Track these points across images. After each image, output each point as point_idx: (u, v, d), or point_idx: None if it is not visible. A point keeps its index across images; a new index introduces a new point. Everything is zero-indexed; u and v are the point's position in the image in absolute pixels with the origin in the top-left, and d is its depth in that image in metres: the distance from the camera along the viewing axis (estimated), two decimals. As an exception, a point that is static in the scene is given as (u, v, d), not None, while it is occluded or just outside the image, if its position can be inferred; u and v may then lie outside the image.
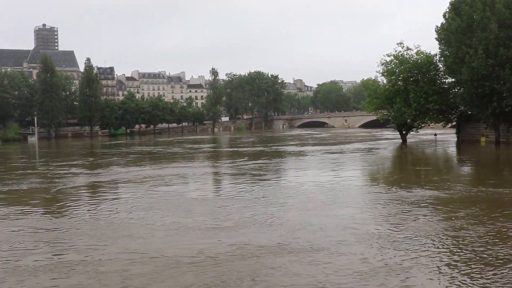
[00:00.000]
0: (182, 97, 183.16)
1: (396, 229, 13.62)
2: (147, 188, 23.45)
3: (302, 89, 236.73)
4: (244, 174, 29.01)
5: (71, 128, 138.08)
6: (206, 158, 44.18)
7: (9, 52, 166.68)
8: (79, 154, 58.65)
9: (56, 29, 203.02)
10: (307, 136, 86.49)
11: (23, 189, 24.97)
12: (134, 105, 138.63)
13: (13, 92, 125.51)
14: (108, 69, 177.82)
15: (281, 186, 23.04)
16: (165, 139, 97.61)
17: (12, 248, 12.50)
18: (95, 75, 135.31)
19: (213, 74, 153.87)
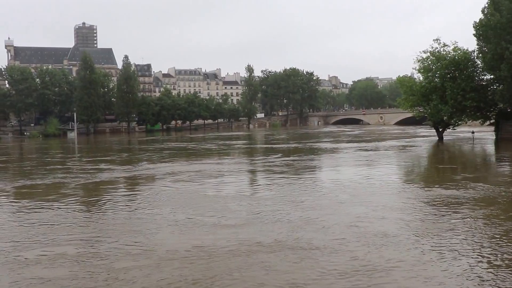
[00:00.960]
0: (218, 93, 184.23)
1: (405, 229, 13.25)
2: (167, 184, 23.61)
3: (337, 86, 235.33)
4: (269, 171, 28.94)
5: (109, 124, 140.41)
6: (238, 155, 44.25)
7: (50, 50, 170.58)
8: (114, 149, 59.57)
9: (95, 27, 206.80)
10: (342, 133, 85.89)
11: (46, 183, 25.46)
12: (170, 102, 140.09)
13: (54, 89, 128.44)
14: (145, 66, 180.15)
15: (302, 183, 22.73)
16: (200, 135, 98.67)
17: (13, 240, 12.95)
18: (133, 72, 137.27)
19: (249, 71, 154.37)
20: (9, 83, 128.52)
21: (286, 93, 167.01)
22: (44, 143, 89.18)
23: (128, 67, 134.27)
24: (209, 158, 38.71)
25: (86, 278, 9.92)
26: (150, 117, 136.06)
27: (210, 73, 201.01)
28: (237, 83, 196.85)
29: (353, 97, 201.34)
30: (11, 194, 22.20)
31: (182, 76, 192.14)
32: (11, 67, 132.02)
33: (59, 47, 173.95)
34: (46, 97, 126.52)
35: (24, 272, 10.42)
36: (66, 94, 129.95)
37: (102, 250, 11.90)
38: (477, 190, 19.38)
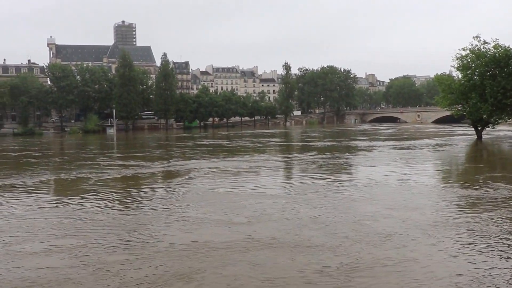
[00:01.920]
0: (255, 91, 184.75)
1: (411, 230, 12.80)
2: (187, 180, 23.64)
3: (374, 84, 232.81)
4: (296, 169, 28.62)
5: (147, 120, 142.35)
6: (270, 152, 43.85)
7: (90, 48, 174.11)
8: (149, 146, 60.00)
9: (134, 26, 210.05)
10: (378, 131, 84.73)
11: (70, 178, 25.83)
12: (208, 99, 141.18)
13: (94, 86, 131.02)
14: (183, 63, 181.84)
15: (322, 182, 22.31)
16: (236, 132, 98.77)
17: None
18: (171, 69, 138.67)
19: (286, 68, 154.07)
20: (51, 81, 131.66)
21: (323, 91, 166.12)
22: (84, 139, 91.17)
23: (167, 64, 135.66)
24: (240, 156, 38.54)
25: (75, 267, 10.11)
26: (188, 114, 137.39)
27: (247, 70, 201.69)
28: (274, 81, 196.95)
29: (390, 95, 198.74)
30: (31, 188, 22.46)
31: (220, 74, 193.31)
32: (53, 65, 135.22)
33: (99, 45, 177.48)
34: (86, 94, 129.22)
35: (25, 261, 10.68)
36: (105, 91, 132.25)
37: (101, 243, 12.04)
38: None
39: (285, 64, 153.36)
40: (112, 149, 57.35)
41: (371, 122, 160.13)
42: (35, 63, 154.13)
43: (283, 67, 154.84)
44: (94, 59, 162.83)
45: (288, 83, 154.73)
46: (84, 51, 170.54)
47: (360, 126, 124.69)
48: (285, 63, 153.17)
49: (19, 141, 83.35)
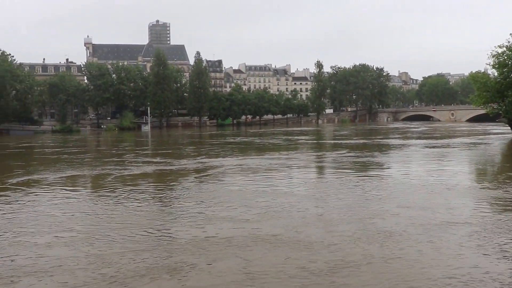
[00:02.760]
0: (287, 89, 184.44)
1: (412, 228, 12.66)
2: (204, 178, 23.82)
3: (407, 82, 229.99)
4: (321, 167, 28.64)
5: (181, 118, 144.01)
6: (300, 150, 43.40)
7: (125, 47, 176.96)
8: (179, 143, 60.70)
9: (168, 25, 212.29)
10: (411, 129, 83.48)
11: (91, 174, 26.55)
12: (241, 97, 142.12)
13: (129, 84, 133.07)
14: (217, 62, 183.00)
15: (342, 180, 22.01)
16: (268, 130, 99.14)
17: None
18: (204, 68, 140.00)
19: (318, 66, 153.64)
20: (87, 79, 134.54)
21: (356, 89, 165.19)
22: (118, 136, 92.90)
23: (200, 63, 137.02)
24: (267, 153, 38.29)
25: (73, 258, 10.50)
26: (221, 111, 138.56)
27: (279, 69, 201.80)
28: (306, 79, 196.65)
29: (423, 93, 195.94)
30: (50, 183, 23.06)
31: (252, 72, 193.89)
32: (89, 64, 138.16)
33: (134, 44, 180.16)
34: (122, 92, 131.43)
35: (30, 251, 11.16)
36: (140, 89, 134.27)
37: (102, 236, 12.42)
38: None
39: (317, 62, 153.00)
40: (143, 146, 58.22)
41: (403, 121, 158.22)
42: (73, 62, 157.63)
43: (315, 65, 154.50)
44: (129, 58, 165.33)
45: (321, 81, 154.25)
46: (119, 50, 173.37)
47: (393, 125, 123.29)
48: (317, 61, 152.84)
49: (56, 138, 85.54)
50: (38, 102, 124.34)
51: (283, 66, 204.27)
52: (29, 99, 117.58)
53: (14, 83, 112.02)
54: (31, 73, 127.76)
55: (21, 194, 19.74)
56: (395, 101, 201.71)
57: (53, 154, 44.68)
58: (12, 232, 13.12)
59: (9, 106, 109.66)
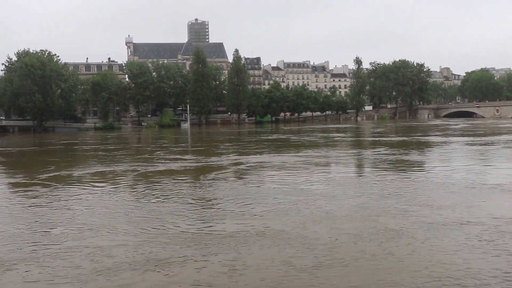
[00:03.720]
0: (326, 86, 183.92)
1: (417, 225, 12.45)
2: (226, 174, 23.82)
3: (449, 77, 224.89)
4: (351, 165, 28.30)
5: (220, 115, 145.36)
6: (335, 147, 42.48)
7: (165, 46, 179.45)
8: (215, 140, 61.00)
9: (207, 23, 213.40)
10: (453, 126, 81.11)
11: (116, 170, 26.91)
12: (279, 94, 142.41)
13: (169, 82, 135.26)
14: (255, 59, 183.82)
15: (369, 178, 21.70)
16: (306, 127, 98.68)
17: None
18: (243, 65, 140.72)
19: (357, 63, 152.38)
20: (129, 77, 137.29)
21: (395, 85, 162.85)
22: (158, 133, 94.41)
23: (238, 60, 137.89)
24: (301, 150, 37.84)
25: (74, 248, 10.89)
26: (259, 109, 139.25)
27: (318, 65, 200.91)
28: (345, 76, 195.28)
29: (466, 89, 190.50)
30: (73, 179, 23.72)
31: (291, 69, 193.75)
32: (130, 62, 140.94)
33: (173, 43, 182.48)
34: (162, 90, 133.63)
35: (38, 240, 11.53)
36: (180, 87, 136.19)
37: (107, 230, 12.71)
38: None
39: (356, 59, 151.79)
40: (179, 143, 58.89)
41: (445, 117, 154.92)
42: (115, 61, 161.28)
43: (354, 61, 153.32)
44: (169, 56, 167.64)
45: (360, 78, 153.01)
46: (159, 49, 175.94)
47: (434, 121, 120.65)
48: (356, 58, 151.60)
49: (97, 135, 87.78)
50: (81, 100, 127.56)
51: (322, 62, 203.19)
52: (73, 97, 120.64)
53: (59, 82, 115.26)
54: (75, 72, 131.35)
55: (46, 189, 20.31)
56: (436, 97, 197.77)
57: (89, 151, 45.85)
58: (28, 224, 13.83)
59: (55, 105, 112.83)
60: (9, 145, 61.45)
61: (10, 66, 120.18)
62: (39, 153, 46.58)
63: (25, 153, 48.45)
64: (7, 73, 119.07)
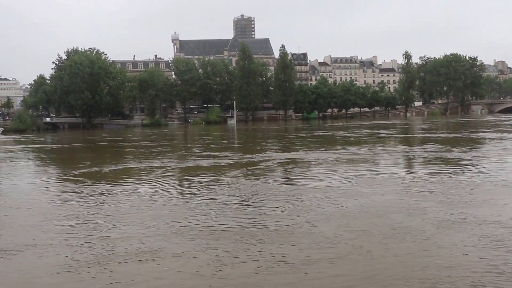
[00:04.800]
0: (374, 81, 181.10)
1: (430, 224, 11.71)
2: (253, 171, 23.09)
3: (504, 71, 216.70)
4: (385, 162, 26.80)
5: (267, 111, 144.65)
6: (380, 144, 40.17)
7: (211, 42, 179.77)
8: (257, 136, 60.54)
9: (253, 19, 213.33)
10: (508, 122, 77.88)
11: (146, 166, 26.62)
12: (326, 90, 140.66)
13: (215, 79, 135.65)
14: (302, 55, 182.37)
15: (398, 175, 20.77)
16: (354, 123, 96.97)
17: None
18: (289, 61, 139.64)
19: (406, 57, 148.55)
20: (175, 74, 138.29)
21: (446, 80, 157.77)
22: (204, 129, 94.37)
23: (285, 56, 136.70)
24: (343, 147, 36.41)
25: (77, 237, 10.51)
26: (306, 105, 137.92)
27: (366, 60, 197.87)
28: (394, 71, 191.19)
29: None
30: (99, 175, 23.72)
31: (338, 64, 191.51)
32: (177, 59, 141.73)
33: (219, 39, 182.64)
34: (208, 86, 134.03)
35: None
36: (226, 83, 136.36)
37: (116, 226, 12.47)
38: None
39: (405, 53, 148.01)
40: (222, 139, 58.63)
41: (500, 113, 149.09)
42: (161, 58, 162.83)
43: (403, 56, 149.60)
44: (215, 52, 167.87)
45: (409, 73, 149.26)
46: (205, 45, 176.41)
47: (487, 117, 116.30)
48: (406, 52, 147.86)
49: (143, 132, 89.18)
50: (129, 97, 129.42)
51: (370, 57, 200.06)
52: (121, 94, 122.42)
53: (107, 79, 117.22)
54: (122, 69, 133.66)
55: (75, 185, 20.27)
56: (490, 92, 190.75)
57: (129, 147, 46.44)
58: (42, 216, 13.87)
59: (103, 102, 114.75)
60: (54, 142, 63.41)
61: (60, 65, 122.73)
62: (79, 150, 47.54)
63: (67, 149, 49.42)
64: (57, 72, 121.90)
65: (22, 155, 43.54)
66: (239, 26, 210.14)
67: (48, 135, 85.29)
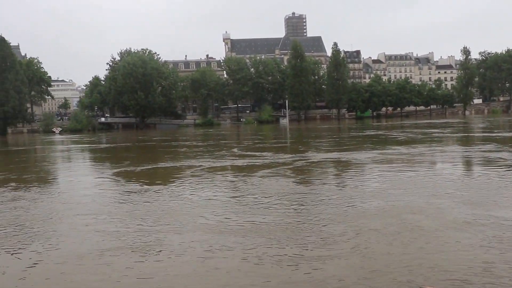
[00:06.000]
0: (430, 78, 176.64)
1: (443, 225, 11.00)
2: (275, 171, 22.25)
3: None
4: (426, 163, 24.80)
5: (319, 111, 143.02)
6: (430, 144, 37.13)
7: (262, 41, 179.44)
8: (305, 136, 59.54)
9: (305, 17, 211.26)
10: None
11: (180, 166, 26.53)
12: (380, 88, 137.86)
13: (267, 78, 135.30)
14: (355, 52, 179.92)
15: (433, 176, 19.32)
16: (408, 122, 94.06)
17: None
18: (342, 59, 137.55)
19: (465, 53, 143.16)
20: (227, 73, 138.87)
21: (509, 76, 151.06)
22: (257, 129, 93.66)
23: (338, 54, 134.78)
24: (391, 147, 34.50)
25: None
26: (360, 103, 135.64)
27: (421, 57, 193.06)
28: (451, 67, 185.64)
29: None
30: (131, 174, 23.69)
31: (393, 62, 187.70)
32: (228, 59, 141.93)
33: (270, 38, 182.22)
34: (260, 86, 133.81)
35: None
36: (278, 82, 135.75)
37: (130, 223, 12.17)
38: None
39: (463, 49, 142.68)
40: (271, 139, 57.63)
41: None
42: (213, 58, 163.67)
43: (461, 52, 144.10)
44: (267, 51, 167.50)
45: (468, 69, 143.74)
46: (257, 44, 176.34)
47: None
48: (464, 48, 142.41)
49: (193, 131, 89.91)
50: (181, 97, 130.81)
51: (426, 54, 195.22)
52: (173, 94, 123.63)
53: (160, 79, 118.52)
54: (174, 69, 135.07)
55: (111, 184, 20.37)
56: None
57: (173, 147, 46.39)
58: (63, 213, 13.99)
59: (156, 102, 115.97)
60: (105, 142, 65.00)
61: (114, 66, 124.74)
62: (125, 149, 48.08)
63: (113, 149, 50.31)
64: (111, 72, 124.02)
65: (73, 154, 44.87)
66: (291, 24, 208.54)
67: (102, 135, 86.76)
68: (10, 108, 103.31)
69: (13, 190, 19.02)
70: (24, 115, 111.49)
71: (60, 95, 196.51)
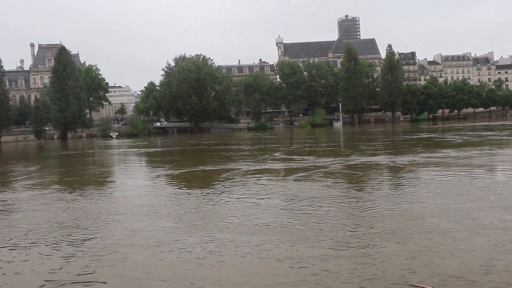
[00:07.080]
0: (490, 79, 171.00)
1: (459, 225, 11.26)
2: (305, 176, 22.18)
3: None
4: (473, 167, 24.15)
5: (373, 113, 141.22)
6: (481, 147, 35.89)
7: (315, 44, 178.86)
8: (354, 139, 59.65)
9: (358, 19, 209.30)
10: None
11: (212, 169, 27.03)
12: (436, 90, 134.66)
13: (320, 81, 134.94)
14: (409, 54, 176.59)
15: (466, 179, 19.12)
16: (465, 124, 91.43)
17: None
18: (397, 61, 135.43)
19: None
20: (280, 77, 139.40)
21: None
22: (310, 132, 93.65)
23: (392, 56, 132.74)
24: (438, 150, 33.62)
25: None
26: (415, 106, 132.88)
27: (480, 57, 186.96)
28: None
29: None
30: (165, 177, 24.77)
31: (449, 63, 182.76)
32: (281, 63, 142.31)
33: (323, 41, 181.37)
34: (313, 89, 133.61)
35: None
36: (331, 85, 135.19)
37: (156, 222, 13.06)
38: None
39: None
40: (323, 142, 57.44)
41: None
42: (266, 62, 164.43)
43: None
44: (320, 54, 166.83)
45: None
46: (309, 48, 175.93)
47: None
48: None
49: (245, 135, 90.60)
50: (234, 101, 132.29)
51: (485, 54, 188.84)
52: (226, 99, 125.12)
53: (213, 84, 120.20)
54: (228, 74, 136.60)
55: (150, 189, 21.14)
56: None
57: (220, 151, 47.14)
58: (102, 214, 14.99)
59: (210, 106, 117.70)
60: (154, 146, 67.12)
61: (169, 71, 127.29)
62: (172, 153, 49.27)
63: (160, 153, 51.67)
64: (166, 78, 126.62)
65: (129, 157, 47.02)
66: (344, 27, 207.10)
67: (157, 139, 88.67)
68: (70, 114, 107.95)
69: (76, 189, 20.60)
70: (83, 120, 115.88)
71: (117, 101, 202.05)
